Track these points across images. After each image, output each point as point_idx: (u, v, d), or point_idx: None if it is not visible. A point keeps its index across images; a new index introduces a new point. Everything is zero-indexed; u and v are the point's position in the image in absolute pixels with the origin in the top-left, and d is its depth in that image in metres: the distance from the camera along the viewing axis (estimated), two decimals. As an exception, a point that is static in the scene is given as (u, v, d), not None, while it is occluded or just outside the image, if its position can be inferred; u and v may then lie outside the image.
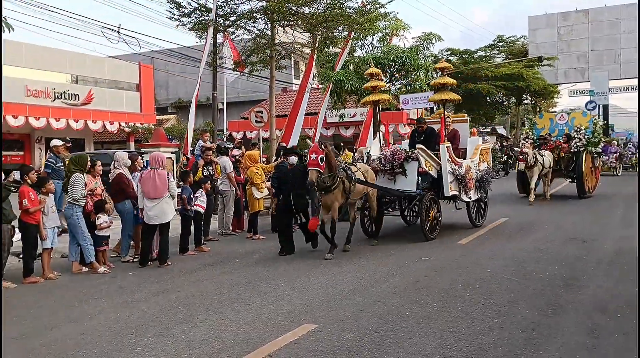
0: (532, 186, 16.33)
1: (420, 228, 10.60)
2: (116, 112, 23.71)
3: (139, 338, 5.60)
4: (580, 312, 6.05)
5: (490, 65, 37.86)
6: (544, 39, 45.64)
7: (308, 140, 12.74)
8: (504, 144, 33.86)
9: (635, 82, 44.14)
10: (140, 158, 11.81)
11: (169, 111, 39.29)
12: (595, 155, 18.13)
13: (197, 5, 18.74)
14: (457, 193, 11.19)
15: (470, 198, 11.61)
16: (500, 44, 42.78)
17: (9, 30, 9.03)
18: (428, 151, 10.75)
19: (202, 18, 18.64)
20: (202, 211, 10.61)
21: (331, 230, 9.56)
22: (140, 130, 24.75)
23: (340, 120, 24.84)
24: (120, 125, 24.00)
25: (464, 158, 11.79)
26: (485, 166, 12.32)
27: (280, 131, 19.14)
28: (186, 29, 18.82)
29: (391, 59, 19.81)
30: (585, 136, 17.46)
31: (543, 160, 16.48)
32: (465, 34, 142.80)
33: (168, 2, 18.58)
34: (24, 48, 20.68)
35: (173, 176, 15.23)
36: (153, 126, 24.43)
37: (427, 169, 10.63)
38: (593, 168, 18.20)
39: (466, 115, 13.59)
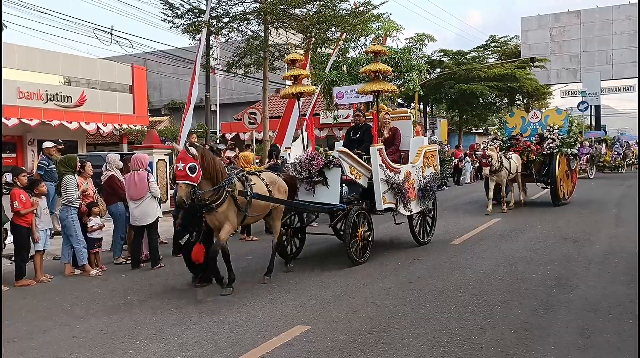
0: (503, 193, 14.76)
1: (345, 250, 8.64)
2: (109, 114, 23.66)
3: (132, 341, 5.58)
4: (572, 312, 6.08)
5: (483, 66, 38.00)
6: (536, 40, 45.87)
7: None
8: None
9: (627, 82, 44.48)
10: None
11: (162, 112, 39.25)
12: (572, 157, 16.39)
13: (190, 7, 18.72)
14: (394, 205, 9.27)
15: (410, 211, 9.68)
16: (493, 44, 42.95)
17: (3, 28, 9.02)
18: (353, 155, 8.81)
19: (195, 20, 18.62)
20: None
21: (224, 258, 7.33)
22: (133, 132, 24.69)
23: (334, 121, 24.86)
24: (113, 127, 23.94)
25: (407, 162, 10.05)
26: (432, 172, 10.37)
27: (273, 132, 19.14)
28: (179, 30, 18.79)
29: (384, 59, 19.81)
30: (560, 136, 15.73)
31: (509, 164, 14.70)
32: (458, 35, 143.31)
33: (162, 3, 18.55)
34: (16, 50, 20.60)
35: (165, 177, 15.24)
36: (146, 128, 24.39)
37: (353, 176, 8.78)
38: (569, 171, 16.40)
39: (409, 110, 11.37)
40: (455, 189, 22.41)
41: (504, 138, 16.46)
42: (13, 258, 8.55)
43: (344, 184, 8.87)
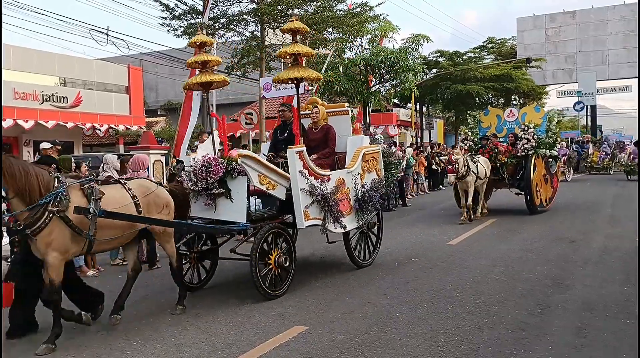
0: (469, 201, 13.04)
1: (252, 282, 6.77)
2: (105, 115, 23.60)
3: (129, 342, 5.57)
4: (569, 312, 6.09)
5: (479, 66, 38.07)
6: (532, 40, 45.96)
7: None
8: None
9: (623, 83, 44.64)
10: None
11: (158, 113, 39.18)
12: (551, 160, 14.77)
13: (187, 8, 18.72)
14: (320, 221, 7.49)
15: (344, 228, 7.88)
16: (490, 45, 43.02)
17: None
18: (261, 160, 7.09)
19: (192, 21, 18.62)
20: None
21: (50, 304, 5.65)
22: (129, 134, 24.67)
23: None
24: (109, 127, 23.89)
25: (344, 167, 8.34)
26: (373, 179, 8.57)
27: (269, 132, 19.14)
28: (177, 34, 18.77)
29: (380, 60, 19.87)
30: (536, 136, 13.97)
31: (477, 168, 13.10)
32: (454, 35, 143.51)
33: (159, 4, 18.54)
34: (11, 50, 20.54)
35: (162, 178, 15.21)
36: (143, 129, 24.35)
37: (264, 187, 6.97)
38: (547, 175, 14.64)
39: (347, 104, 9.61)
40: (450, 189, 22.33)
41: (475, 139, 14.87)
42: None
43: (255, 197, 7.39)
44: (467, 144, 14.77)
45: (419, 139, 34.24)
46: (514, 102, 43.04)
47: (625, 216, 12.88)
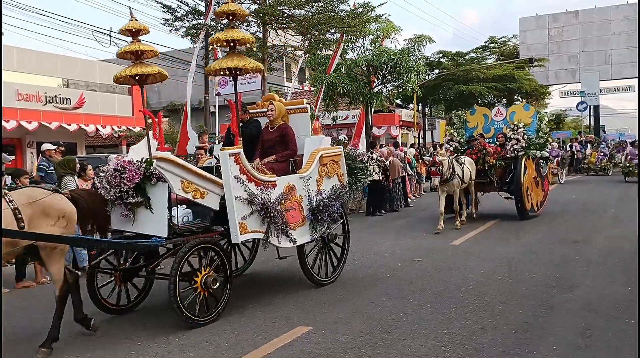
0: (456, 205, 12.36)
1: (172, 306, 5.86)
2: (108, 116, 23.66)
3: (133, 342, 5.59)
4: (573, 312, 6.09)
5: (482, 67, 38.04)
6: (535, 40, 45.99)
7: None
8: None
9: (626, 83, 44.58)
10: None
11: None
12: (542, 161, 13.94)
13: (189, 9, 18.75)
14: (262, 234, 6.54)
15: (293, 241, 6.93)
16: (492, 45, 42.99)
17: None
18: (185, 164, 6.13)
19: (194, 22, 18.64)
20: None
21: None
22: (132, 135, 24.71)
23: (333, 122, 24.88)
24: (112, 129, 23.95)
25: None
26: (334, 185, 7.57)
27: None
28: (179, 33, 18.81)
29: (382, 61, 19.85)
30: (526, 136, 13.17)
31: (462, 170, 12.31)
32: (455, 35, 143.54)
33: (160, 5, 18.57)
34: (15, 52, 20.60)
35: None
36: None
37: (189, 195, 6.02)
38: (538, 178, 13.75)
39: (305, 101, 8.42)
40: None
41: (462, 140, 14.09)
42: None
43: (184, 207, 6.34)
44: (453, 146, 13.95)
45: (421, 140, 34.23)
46: (517, 103, 43.02)
47: (625, 217, 12.86)
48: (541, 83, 42.42)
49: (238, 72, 6.79)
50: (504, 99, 41.18)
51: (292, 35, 20.35)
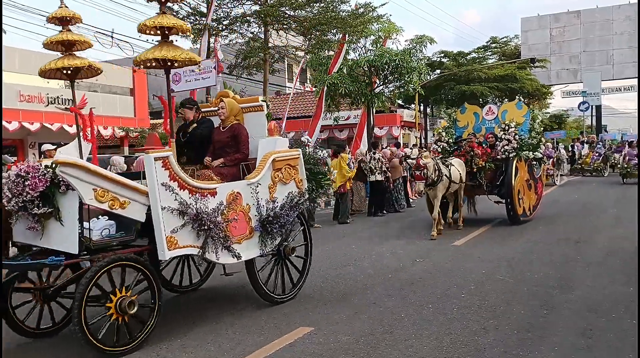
0: (435, 213, 11.54)
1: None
2: (110, 117, 23.69)
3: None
4: (574, 313, 6.09)
5: (483, 67, 38.05)
6: (536, 40, 45.99)
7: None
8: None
9: (628, 82, 44.55)
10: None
11: (163, 115, 39.27)
12: (535, 163, 13.15)
13: (190, 10, 18.78)
14: (197, 249, 5.69)
15: (237, 257, 6.08)
16: (494, 45, 42.99)
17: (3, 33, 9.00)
18: (97, 169, 5.21)
19: (196, 23, 18.67)
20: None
21: None
22: (134, 134, 24.76)
23: (335, 123, 24.93)
24: (114, 129, 23.99)
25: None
26: (290, 192, 6.74)
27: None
28: (181, 35, 18.84)
29: (384, 62, 19.89)
30: (517, 136, 12.40)
31: (449, 172, 11.58)
32: (455, 35, 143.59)
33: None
34: (17, 53, 20.64)
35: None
36: (147, 130, 24.44)
37: (105, 206, 5.16)
38: (531, 180, 13.01)
39: (261, 98, 7.52)
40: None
41: (450, 140, 13.34)
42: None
43: (106, 218, 5.46)
44: (441, 146, 13.23)
45: (423, 140, 34.20)
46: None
47: (625, 218, 12.85)
48: (543, 83, 42.40)
49: (170, 65, 5.95)
50: (506, 99, 41.18)
51: (294, 36, 20.38)
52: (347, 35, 19.20)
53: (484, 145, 12.67)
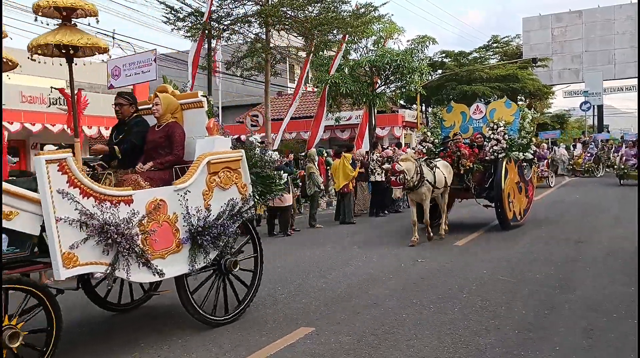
0: (427, 216, 10.88)
1: None
2: (111, 118, 23.64)
3: (136, 343, 5.60)
4: (575, 313, 6.08)
5: (485, 67, 38.05)
6: (538, 40, 45.96)
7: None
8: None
9: (629, 82, 44.50)
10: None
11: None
12: (525, 164, 12.56)
13: (191, 10, 18.77)
14: (105, 266, 4.88)
15: (159, 273, 5.33)
16: (495, 45, 42.99)
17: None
18: None
19: (197, 22, 18.67)
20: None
21: None
22: None
23: (336, 123, 24.93)
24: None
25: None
26: (233, 199, 6.02)
27: (275, 135, 19.19)
28: (181, 33, 18.84)
29: (386, 62, 19.91)
30: (506, 136, 11.71)
31: (434, 176, 10.82)
32: (456, 34, 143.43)
33: (163, 7, 18.62)
34: (18, 54, 20.69)
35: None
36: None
37: None
38: (522, 183, 12.32)
39: (201, 93, 6.57)
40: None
41: (436, 141, 12.60)
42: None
43: None
44: (426, 147, 12.54)
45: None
46: (520, 103, 42.99)
47: (625, 218, 12.83)
48: (544, 83, 42.42)
49: (72, 53, 5.17)
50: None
51: (295, 37, 20.39)
52: (347, 36, 19.21)
53: (473, 143, 12.07)
